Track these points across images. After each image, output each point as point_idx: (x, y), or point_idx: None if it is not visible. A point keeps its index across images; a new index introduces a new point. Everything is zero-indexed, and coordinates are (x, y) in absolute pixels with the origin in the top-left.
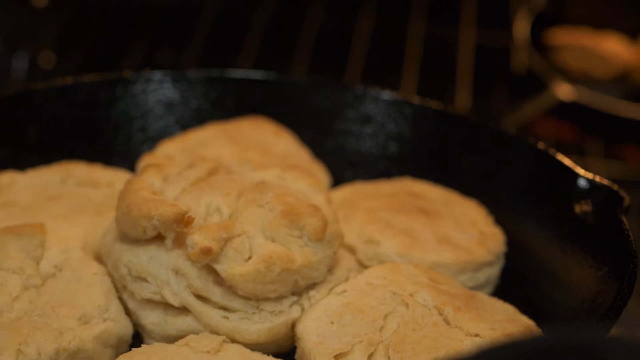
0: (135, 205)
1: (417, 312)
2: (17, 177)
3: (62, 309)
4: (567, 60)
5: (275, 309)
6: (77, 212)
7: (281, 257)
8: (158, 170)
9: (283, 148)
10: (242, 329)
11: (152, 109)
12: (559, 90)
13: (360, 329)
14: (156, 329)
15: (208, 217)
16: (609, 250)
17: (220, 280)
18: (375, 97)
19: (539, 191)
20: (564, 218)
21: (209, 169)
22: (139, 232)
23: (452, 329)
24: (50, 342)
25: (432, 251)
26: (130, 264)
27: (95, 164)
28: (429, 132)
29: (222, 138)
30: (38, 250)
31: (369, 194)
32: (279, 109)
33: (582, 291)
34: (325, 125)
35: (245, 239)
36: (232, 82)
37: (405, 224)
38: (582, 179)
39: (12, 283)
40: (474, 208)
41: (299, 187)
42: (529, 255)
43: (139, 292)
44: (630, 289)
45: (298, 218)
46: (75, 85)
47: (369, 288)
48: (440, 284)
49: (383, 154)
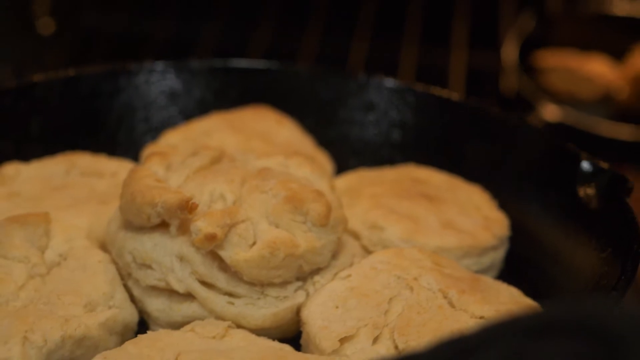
0: (139, 192)
1: (422, 295)
2: (21, 168)
3: (68, 297)
4: (554, 82)
5: (280, 294)
6: (82, 201)
7: (285, 242)
8: (162, 158)
9: (286, 137)
10: (247, 315)
11: (155, 100)
12: (546, 111)
13: (365, 312)
14: (161, 315)
15: (212, 204)
16: (612, 232)
17: (224, 267)
18: (378, 85)
19: (543, 176)
20: (568, 202)
21: (212, 157)
22: (143, 219)
23: (456, 312)
24: (56, 330)
25: (436, 236)
26: (135, 251)
27: (99, 155)
28: (432, 119)
29: (225, 127)
30: (43, 240)
31: (372, 181)
32: (282, 98)
33: (586, 273)
34: (329, 114)
35: (249, 225)
36: (235, 72)
37: (409, 210)
38: (585, 163)
39: (18, 272)
40: (477, 193)
41: (302, 173)
42: (532, 239)
43: (144, 279)
44: (634, 269)
45: (302, 203)
46: (78, 76)
47: (373, 272)
48: (445, 267)
49: (386, 141)
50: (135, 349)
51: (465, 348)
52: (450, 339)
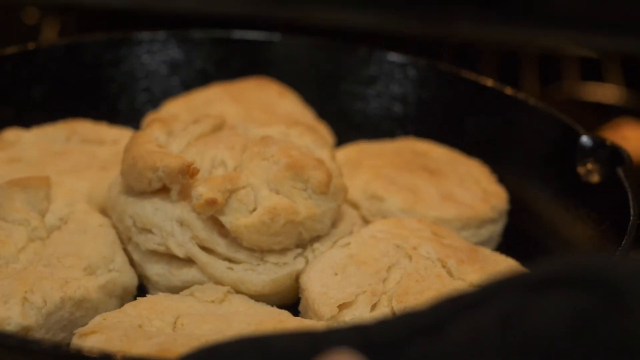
0: (141, 157)
1: (421, 264)
2: (21, 134)
3: (68, 259)
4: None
5: (279, 261)
6: (82, 167)
7: (285, 208)
8: (163, 125)
9: (287, 108)
10: (246, 280)
11: (156, 70)
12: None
13: (363, 280)
14: (161, 280)
15: (213, 170)
16: (609, 205)
17: (225, 232)
18: (379, 58)
19: (542, 150)
20: (567, 176)
21: (213, 124)
22: (144, 184)
23: (455, 281)
24: (55, 291)
25: (435, 207)
26: (136, 216)
27: (100, 123)
28: (433, 93)
29: (227, 98)
30: (43, 203)
31: (373, 153)
32: (284, 70)
33: (584, 246)
34: (330, 87)
35: (250, 191)
36: (237, 43)
37: (409, 181)
38: (585, 137)
39: (18, 235)
40: (477, 167)
41: (304, 142)
42: (531, 213)
43: (144, 243)
44: (631, 242)
45: (302, 171)
46: (80, 44)
47: (372, 241)
48: (444, 237)
49: (387, 115)
50: (135, 311)
51: (466, 305)
52: (451, 296)
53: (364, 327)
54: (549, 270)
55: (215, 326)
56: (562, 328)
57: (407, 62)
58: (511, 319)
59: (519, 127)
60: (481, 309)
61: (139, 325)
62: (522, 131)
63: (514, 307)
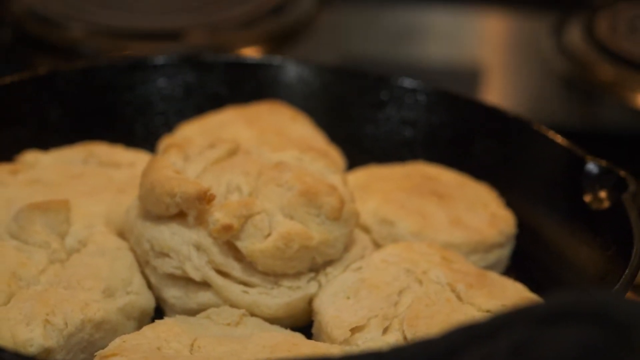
0: (159, 182)
1: (431, 288)
2: (40, 156)
3: (87, 282)
4: None
5: (293, 285)
6: (100, 190)
7: (299, 234)
8: (179, 150)
9: (300, 132)
10: (261, 303)
11: (171, 93)
12: None
13: (375, 303)
14: (178, 302)
15: (228, 195)
16: (616, 231)
17: (240, 256)
18: (389, 83)
19: (549, 176)
20: (573, 202)
21: (228, 149)
22: (162, 209)
23: (464, 305)
24: (76, 313)
25: (444, 231)
26: (153, 240)
27: (117, 145)
28: (443, 118)
29: (240, 121)
30: (63, 226)
31: (383, 177)
32: (296, 93)
33: (590, 271)
34: (341, 111)
35: (265, 216)
36: (250, 67)
37: (419, 206)
38: (591, 164)
39: (38, 257)
40: (485, 191)
41: (316, 167)
42: (538, 238)
43: (162, 266)
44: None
45: (316, 197)
46: (96, 68)
47: (383, 265)
48: (453, 262)
49: (397, 139)
50: (153, 333)
51: (478, 334)
52: (464, 325)
53: (378, 354)
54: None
55: (231, 349)
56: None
57: (416, 87)
58: (521, 350)
59: (526, 152)
60: (492, 339)
61: (157, 347)
62: (529, 156)
63: (524, 339)
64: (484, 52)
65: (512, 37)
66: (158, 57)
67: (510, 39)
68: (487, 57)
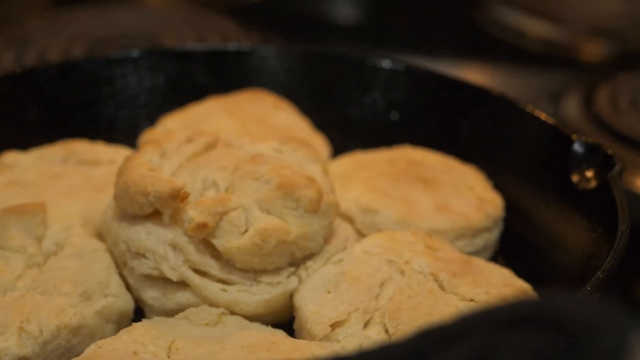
0: (132, 182)
1: (413, 279)
2: (19, 156)
3: (64, 286)
4: None
5: (273, 280)
6: (78, 189)
7: (277, 229)
8: (155, 146)
9: (283, 120)
10: (240, 301)
11: (152, 85)
12: None
13: (356, 297)
14: (156, 303)
15: (205, 191)
16: (603, 212)
17: (217, 254)
18: (373, 65)
19: (537, 156)
20: (561, 182)
21: (206, 143)
22: (137, 208)
23: (447, 295)
24: (51, 319)
25: (429, 218)
26: (129, 240)
27: (97, 142)
28: (428, 100)
29: (222, 112)
30: (39, 229)
31: (367, 163)
32: (278, 81)
33: (578, 253)
34: (325, 96)
35: (241, 212)
36: (231, 55)
37: (404, 193)
38: (577, 143)
39: (15, 262)
40: (472, 174)
41: (296, 158)
42: (527, 220)
43: (138, 267)
44: (622, 251)
45: (293, 190)
46: (74, 63)
47: (365, 256)
48: (437, 250)
49: (383, 122)
50: (130, 337)
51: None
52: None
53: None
54: (521, 308)
55: (209, 350)
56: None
57: (401, 68)
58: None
59: (512, 132)
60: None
61: (134, 352)
62: (516, 136)
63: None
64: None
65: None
66: (135, 50)
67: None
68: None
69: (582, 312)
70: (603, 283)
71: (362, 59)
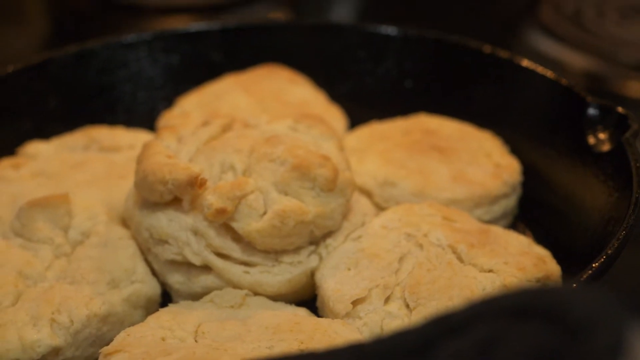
0: (151, 170)
1: (432, 252)
2: (41, 146)
3: (91, 275)
4: None
5: (293, 260)
6: (101, 177)
7: (295, 210)
8: (172, 131)
9: (299, 94)
10: (263, 282)
11: (167, 67)
12: None
13: (376, 273)
14: (182, 287)
15: (222, 175)
16: (619, 176)
17: (238, 237)
18: (385, 34)
19: (553, 119)
20: (577, 144)
21: (222, 125)
22: (157, 196)
23: (465, 267)
24: (81, 309)
25: (446, 189)
26: (152, 228)
27: (117, 127)
28: (442, 66)
29: (239, 89)
30: (65, 220)
31: (383, 135)
32: (292, 55)
33: (596, 217)
34: (339, 68)
35: (259, 194)
36: (245, 31)
37: (420, 163)
38: (592, 105)
39: (43, 253)
40: (489, 140)
41: (311, 137)
42: (546, 183)
43: (162, 254)
44: (637, 217)
45: (308, 170)
46: (91, 49)
47: (384, 231)
48: (454, 221)
49: (398, 91)
50: (157, 323)
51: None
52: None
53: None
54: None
55: (235, 332)
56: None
57: (414, 35)
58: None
59: (529, 95)
60: (462, 333)
61: (162, 337)
62: (533, 99)
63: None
64: None
65: None
66: (149, 32)
67: None
68: None
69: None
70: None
71: (373, 27)
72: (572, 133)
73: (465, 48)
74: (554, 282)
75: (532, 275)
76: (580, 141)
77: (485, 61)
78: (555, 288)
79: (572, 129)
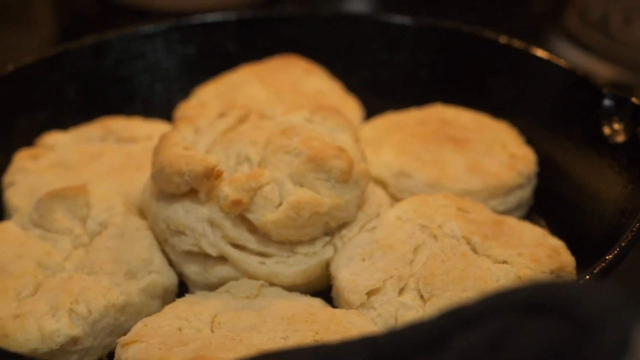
0: (167, 162)
1: (446, 243)
2: (59, 137)
3: (109, 265)
4: None
5: (309, 251)
6: (118, 168)
7: (310, 201)
8: (189, 122)
9: (315, 85)
10: (278, 273)
11: (184, 57)
12: None
13: (390, 264)
14: (198, 278)
15: (238, 166)
16: (634, 167)
17: (254, 228)
18: (401, 24)
19: (568, 109)
20: (593, 135)
21: (238, 117)
22: (173, 188)
23: (479, 258)
24: (99, 299)
25: (461, 180)
26: (168, 219)
27: (134, 118)
28: (457, 57)
29: (255, 80)
30: (83, 210)
31: (399, 125)
32: (308, 45)
33: (611, 209)
34: (355, 58)
35: (274, 186)
36: (261, 22)
37: (435, 154)
38: (608, 96)
39: (62, 244)
40: (504, 130)
41: (327, 128)
42: (561, 174)
43: (179, 245)
44: None
45: (324, 162)
46: (107, 40)
47: (398, 222)
48: (469, 212)
49: (414, 81)
50: (174, 313)
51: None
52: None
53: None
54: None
55: (251, 322)
56: (537, 357)
57: (429, 25)
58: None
59: (544, 86)
60: (475, 327)
61: (178, 328)
62: (548, 90)
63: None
64: None
65: None
66: (165, 24)
67: None
68: None
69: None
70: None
71: (388, 17)
72: (588, 124)
73: (480, 39)
74: (568, 274)
75: (546, 266)
76: (596, 132)
77: (501, 52)
78: (565, 283)
79: (587, 119)
